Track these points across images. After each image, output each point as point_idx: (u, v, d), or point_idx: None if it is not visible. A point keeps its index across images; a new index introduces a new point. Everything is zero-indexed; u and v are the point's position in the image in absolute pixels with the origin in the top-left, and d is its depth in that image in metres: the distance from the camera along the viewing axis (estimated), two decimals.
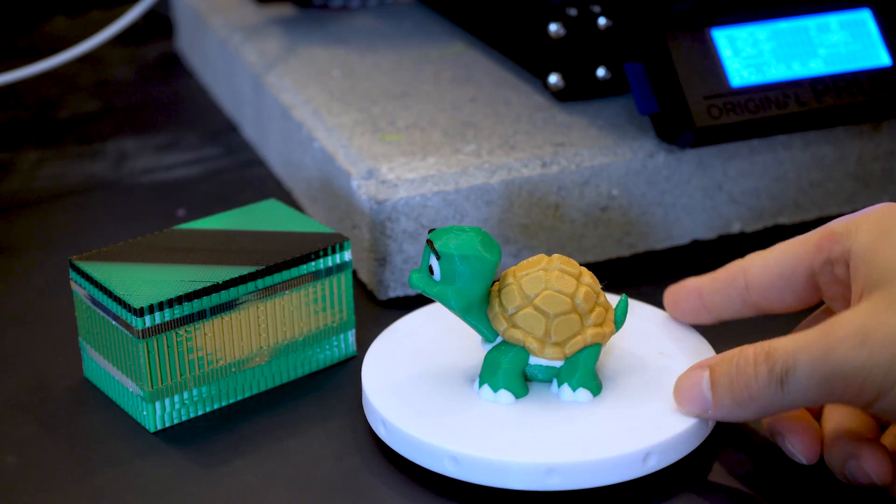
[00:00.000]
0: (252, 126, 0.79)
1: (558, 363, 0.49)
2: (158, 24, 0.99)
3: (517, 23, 0.70)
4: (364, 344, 0.54)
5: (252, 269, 0.52)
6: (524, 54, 0.70)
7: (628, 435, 0.47)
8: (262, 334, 0.53)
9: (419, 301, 0.60)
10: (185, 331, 0.51)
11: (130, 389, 0.51)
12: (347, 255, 0.55)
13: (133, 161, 0.77)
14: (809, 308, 0.50)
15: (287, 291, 0.53)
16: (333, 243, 0.54)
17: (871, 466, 0.45)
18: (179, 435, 0.51)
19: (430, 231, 0.48)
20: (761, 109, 0.61)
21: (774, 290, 0.49)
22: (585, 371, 0.49)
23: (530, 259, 0.50)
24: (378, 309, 0.60)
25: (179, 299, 0.50)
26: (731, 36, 0.61)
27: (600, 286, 0.50)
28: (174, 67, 0.93)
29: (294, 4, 0.83)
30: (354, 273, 0.63)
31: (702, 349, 0.52)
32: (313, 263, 0.53)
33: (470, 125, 0.65)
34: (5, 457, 0.50)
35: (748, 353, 0.44)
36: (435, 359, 0.52)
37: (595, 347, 0.49)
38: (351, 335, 0.56)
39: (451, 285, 0.48)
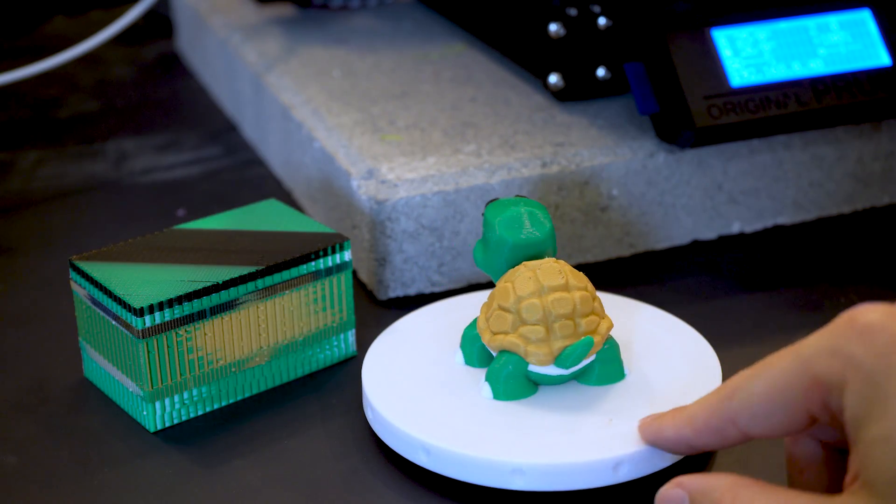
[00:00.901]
0: (252, 126, 0.79)
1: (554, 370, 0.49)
2: (158, 24, 0.99)
3: (517, 23, 0.70)
4: (364, 344, 0.54)
5: (252, 268, 0.52)
6: (524, 54, 0.70)
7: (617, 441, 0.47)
8: (262, 334, 0.53)
9: (419, 301, 0.60)
10: (185, 331, 0.51)
11: (130, 389, 0.51)
12: (347, 255, 0.55)
13: (133, 161, 0.77)
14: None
15: (287, 291, 0.53)
16: (333, 243, 0.54)
17: None
18: (179, 435, 0.51)
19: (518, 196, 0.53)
20: (761, 109, 0.61)
21: (778, 432, 0.43)
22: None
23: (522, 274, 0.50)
24: (378, 309, 0.60)
25: (179, 299, 0.50)
26: (731, 36, 0.61)
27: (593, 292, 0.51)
28: (174, 67, 0.93)
29: (294, 4, 0.83)
30: (354, 273, 0.63)
31: (702, 349, 0.52)
32: (313, 263, 0.53)
33: (470, 125, 0.65)
34: (5, 457, 0.50)
35: None
36: (435, 359, 0.52)
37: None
38: (351, 335, 0.56)
39: (482, 244, 0.52)
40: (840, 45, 0.63)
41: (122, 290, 0.50)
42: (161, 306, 0.50)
